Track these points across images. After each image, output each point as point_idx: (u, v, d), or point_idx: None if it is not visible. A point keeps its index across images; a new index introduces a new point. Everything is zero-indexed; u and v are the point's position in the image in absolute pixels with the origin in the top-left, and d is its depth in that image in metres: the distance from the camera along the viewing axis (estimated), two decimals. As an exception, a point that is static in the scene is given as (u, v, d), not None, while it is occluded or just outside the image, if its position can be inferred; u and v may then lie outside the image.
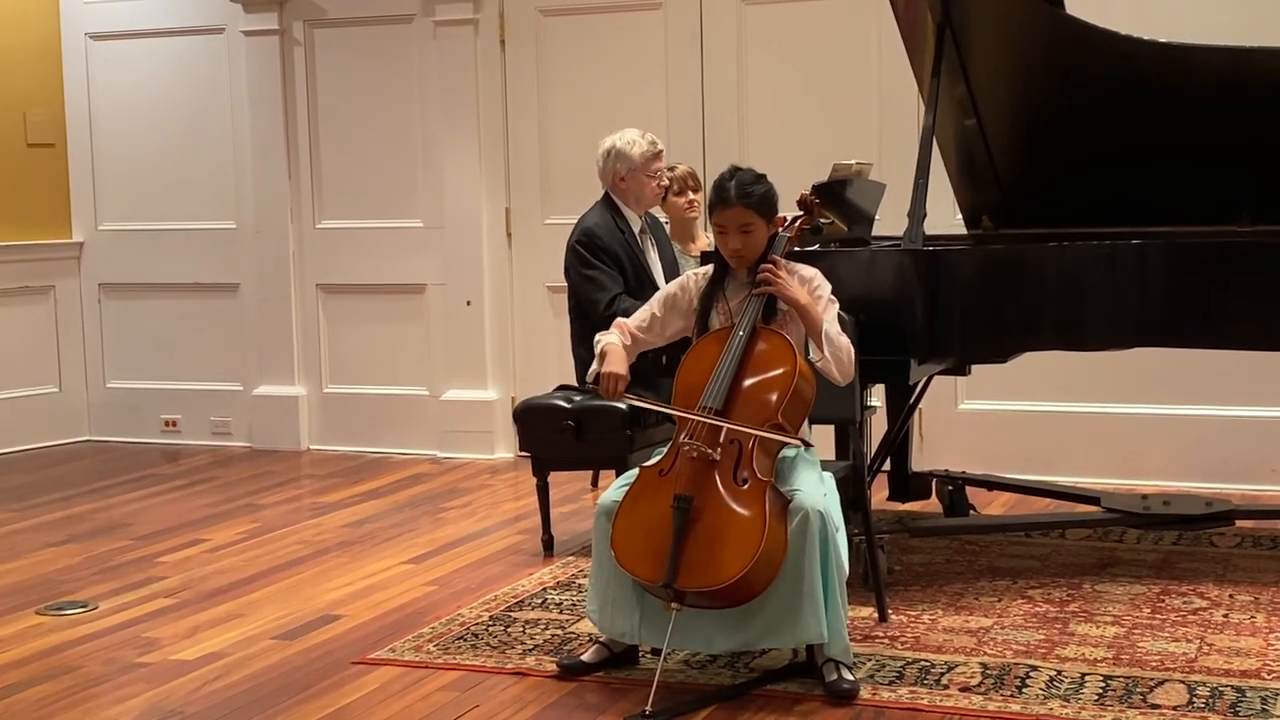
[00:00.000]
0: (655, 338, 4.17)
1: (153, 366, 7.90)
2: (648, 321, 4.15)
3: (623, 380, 3.96)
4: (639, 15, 6.86)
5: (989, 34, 4.83)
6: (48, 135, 7.86)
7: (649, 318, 4.15)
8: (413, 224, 7.33)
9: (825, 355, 3.89)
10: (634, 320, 4.16)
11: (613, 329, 4.15)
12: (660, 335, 4.17)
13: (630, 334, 4.13)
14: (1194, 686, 3.73)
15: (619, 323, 4.17)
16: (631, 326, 4.14)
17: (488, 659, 4.11)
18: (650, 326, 4.15)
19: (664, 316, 4.13)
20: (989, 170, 5.09)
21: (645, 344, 4.17)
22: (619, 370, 3.98)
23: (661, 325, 4.15)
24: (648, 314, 4.16)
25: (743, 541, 3.60)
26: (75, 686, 4.03)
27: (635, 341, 4.13)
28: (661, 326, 4.15)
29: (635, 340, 4.13)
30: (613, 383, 3.96)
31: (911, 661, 3.98)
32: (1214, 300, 4.48)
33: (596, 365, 4.06)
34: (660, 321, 4.14)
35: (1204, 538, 5.17)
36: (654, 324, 4.15)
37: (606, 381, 3.97)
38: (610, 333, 4.13)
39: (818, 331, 3.89)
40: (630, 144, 5.36)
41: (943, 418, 6.41)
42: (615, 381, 3.96)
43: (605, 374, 3.98)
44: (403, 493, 6.49)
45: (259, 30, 7.44)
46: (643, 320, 4.15)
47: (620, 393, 3.96)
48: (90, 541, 5.71)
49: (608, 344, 4.07)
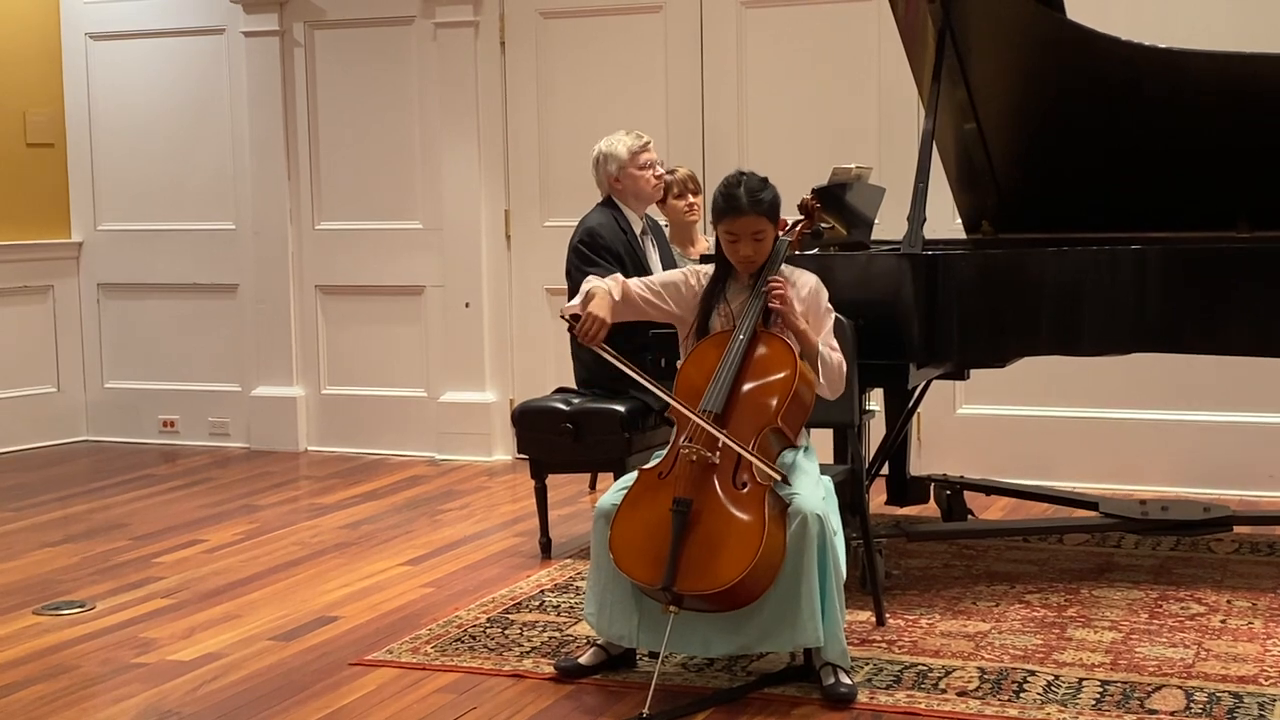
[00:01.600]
0: (648, 309, 4.04)
1: (151, 367, 7.90)
2: (648, 291, 4.03)
3: (604, 327, 3.84)
4: (639, 18, 6.86)
5: (989, 38, 4.83)
6: (47, 135, 7.86)
7: (648, 288, 4.04)
8: (412, 225, 7.33)
9: (819, 379, 3.89)
10: (634, 283, 4.05)
11: (606, 280, 4.01)
12: (650, 308, 4.04)
13: (625, 292, 3.99)
14: (1191, 692, 3.73)
15: (617, 277, 4.06)
16: (631, 286, 4.02)
17: (485, 661, 4.11)
18: (648, 297, 4.02)
19: (663, 297, 4.04)
20: (988, 174, 5.09)
21: (635, 309, 4.02)
22: (603, 315, 3.86)
23: (657, 303, 4.03)
24: (648, 285, 4.05)
25: (741, 545, 3.60)
26: (72, 686, 4.02)
27: (626, 301, 3.99)
28: (656, 304, 4.03)
29: (626, 299, 3.99)
30: (594, 326, 3.83)
31: (909, 666, 3.98)
32: (1212, 306, 4.48)
33: (579, 303, 3.92)
34: (657, 298, 4.03)
35: (1202, 543, 5.17)
36: (651, 296, 4.03)
37: (587, 322, 3.84)
38: (598, 280, 4.01)
39: (813, 355, 3.89)
40: (615, 143, 5.37)
41: (941, 422, 6.42)
42: (597, 326, 3.83)
43: (588, 314, 3.85)
44: (400, 494, 6.49)
45: (259, 31, 7.44)
46: (641, 288, 4.03)
47: (599, 339, 3.84)
48: (88, 541, 5.71)
49: (596, 287, 3.94)
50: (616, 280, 4.04)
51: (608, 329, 3.87)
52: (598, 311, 3.87)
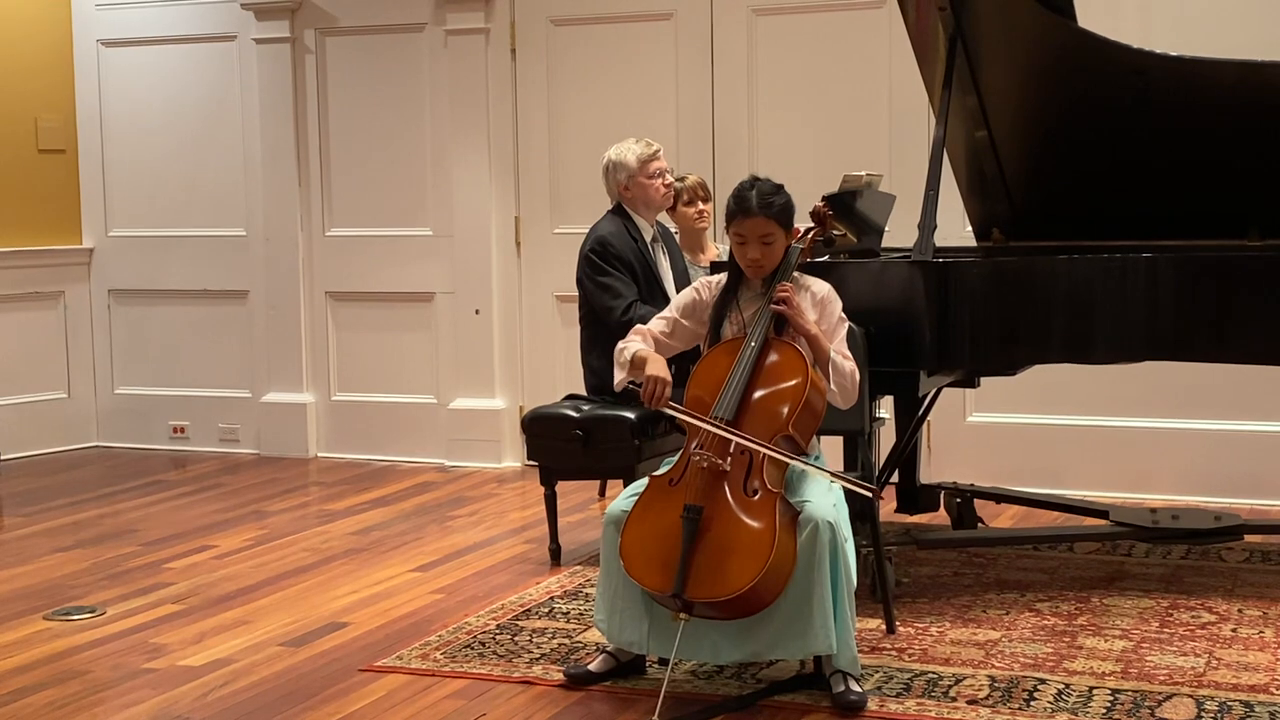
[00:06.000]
0: (678, 343, 4.10)
1: (161, 373, 7.91)
2: (670, 327, 4.08)
3: (668, 386, 3.86)
4: (650, 25, 6.86)
5: (1000, 46, 4.83)
6: (59, 141, 7.88)
7: (671, 323, 4.09)
8: (422, 232, 7.34)
9: (831, 386, 3.89)
10: (655, 326, 4.09)
11: (633, 335, 4.06)
12: (682, 340, 4.10)
13: (654, 339, 4.06)
14: (1202, 701, 3.72)
15: (639, 329, 4.10)
16: (655, 332, 4.07)
17: (494, 668, 4.11)
18: (673, 332, 4.08)
19: (685, 321, 4.08)
20: (999, 182, 5.08)
21: (668, 349, 4.08)
22: (664, 375, 3.87)
23: (684, 330, 4.09)
24: (669, 319, 4.09)
25: (752, 552, 3.60)
26: (82, 692, 4.03)
27: (659, 347, 4.05)
28: (684, 331, 4.09)
29: (659, 345, 4.05)
30: (659, 388, 3.84)
31: (919, 674, 3.97)
32: (1224, 315, 4.47)
33: (625, 373, 3.95)
34: (682, 327, 4.08)
35: (1212, 552, 5.16)
36: (676, 329, 4.08)
37: (651, 385, 3.84)
38: (634, 339, 4.04)
39: (825, 361, 3.89)
40: (625, 151, 5.38)
41: (951, 430, 6.41)
42: (661, 387, 3.84)
43: (651, 377, 3.85)
44: (410, 501, 6.49)
45: (270, 38, 7.45)
46: (665, 326, 4.09)
47: (666, 399, 3.85)
48: (98, 547, 5.71)
49: (639, 351, 3.97)
50: (641, 333, 4.06)
51: (671, 387, 3.88)
52: (658, 373, 3.87)
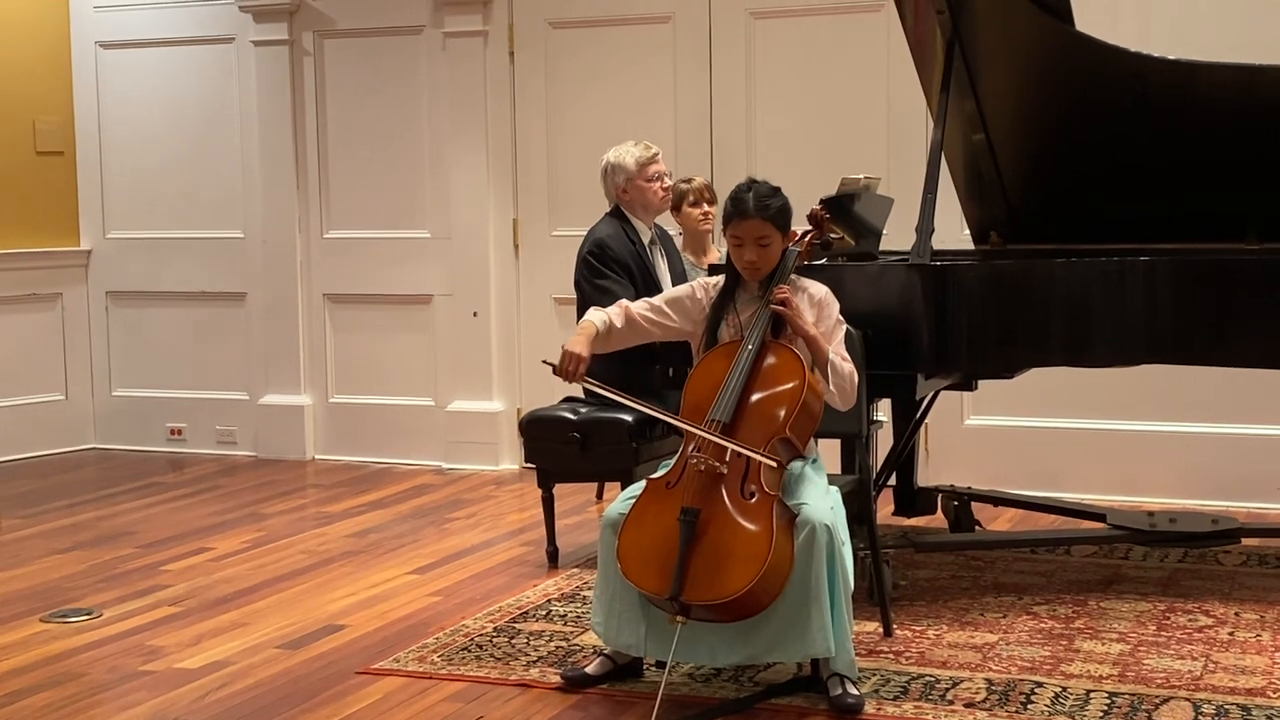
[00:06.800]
0: (655, 330, 4.08)
1: (159, 375, 7.90)
2: (653, 313, 4.06)
3: (581, 362, 3.87)
4: (648, 28, 6.86)
5: (998, 49, 4.83)
6: (56, 143, 7.88)
7: (655, 309, 4.07)
8: (420, 234, 7.34)
9: (830, 388, 3.89)
10: (637, 306, 4.08)
11: (609, 309, 4.05)
12: (660, 330, 4.08)
13: (628, 317, 4.03)
14: (1199, 704, 3.72)
15: (622, 303, 4.09)
16: (635, 311, 4.06)
17: (492, 670, 4.11)
18: (654, 318, 4.06)
19: (670, 313, 4.06)
20: (997, 185, 5.09)
21: (643, 333, 4.07)
22: (578, 350, 3.89)
23: (666, 322, 4.06)
24: (654, 306, 4.08)
25: (749, 555, 3.60)
26: (79, 694, 4.03)
27: (631, 325, 4.03)
28: (665, 323, 4.06)
29: (631, 323, 4.03)
30: (571, 363, 3.87)
31: (916, 677, 3.97)
32: (1223, 318, 4.48)
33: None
34: (666, 317, 4.06)
35: (1210, 555, 5.16)
36: (658, 316, 4.06)
37: (564, 360, 3.88)
38: (599, 311, 4.04)
39: (824, 362, 3.89)
40: (623, 154, 5.38)
41: (949, 433, 6.41)
42: (574, 362, 3.87)
43: (565, 352, 3.88)
44: (408, 503, 6.49)
45: (269, 40, 7.45)
46: (647, 309, 4.06)
47: (579, 374, 3.86)
48: (95, 549, 5.71)
49: (584, 322, 3.99)
50: (620, 306, 4.07)
51: (586, 364, 3.89)
52: (573, 348, 3.90)
